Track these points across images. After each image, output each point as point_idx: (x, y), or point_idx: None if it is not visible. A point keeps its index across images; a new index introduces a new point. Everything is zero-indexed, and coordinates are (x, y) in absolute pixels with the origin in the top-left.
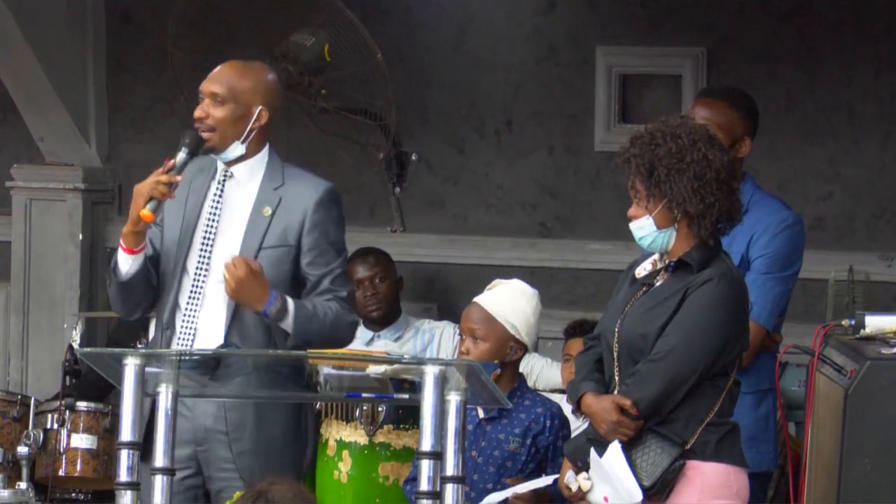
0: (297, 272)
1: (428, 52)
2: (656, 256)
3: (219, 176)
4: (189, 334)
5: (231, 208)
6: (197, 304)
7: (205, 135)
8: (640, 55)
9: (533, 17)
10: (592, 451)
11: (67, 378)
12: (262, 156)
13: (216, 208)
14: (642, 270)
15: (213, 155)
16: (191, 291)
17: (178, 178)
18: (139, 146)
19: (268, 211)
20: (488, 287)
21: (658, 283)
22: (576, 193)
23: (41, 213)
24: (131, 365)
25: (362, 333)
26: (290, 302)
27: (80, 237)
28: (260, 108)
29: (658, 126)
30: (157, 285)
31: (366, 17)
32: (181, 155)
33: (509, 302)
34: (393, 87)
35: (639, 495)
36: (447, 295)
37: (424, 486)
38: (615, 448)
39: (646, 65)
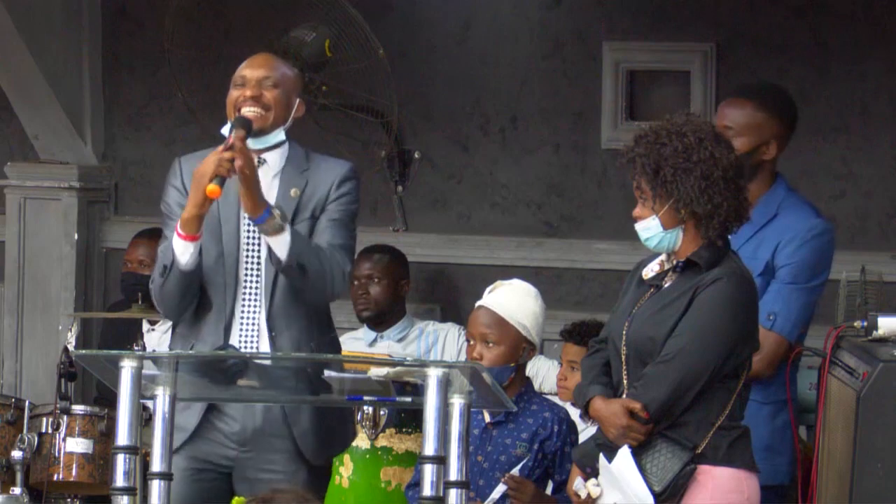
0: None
1: (431, 47)
2: (663, 257)
3: (235, 126)
4: (253, 334)
5: (269, 198)
6: (255, 304)
7: (257, 113)
8: (647, 51)
9: (538, 11)
10: (602, 457)
11: (62, 381)
12: (286, 143)
13: None
14: (650, 271)
15: (254, 138)
16: (244, 291)
17: (242, 147)
18: (135, 144)
19: (296, 192)
20: (489, 289)
21: (666, 285)
22: (582, 192)
23: (36, 212)
24: (127, 367)
25: (366, 334)
26: (287, 222)
27: (76, 237)
28: (298, 100)
29: (663, 124)
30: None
31: (367, 12)
32: (235, 131)
33: (518, 303)
34: (395, 84)
35: (650, 501)
36: (451, 295)
37: (427, 491)
38: (625, 453)
39: (653, 61)
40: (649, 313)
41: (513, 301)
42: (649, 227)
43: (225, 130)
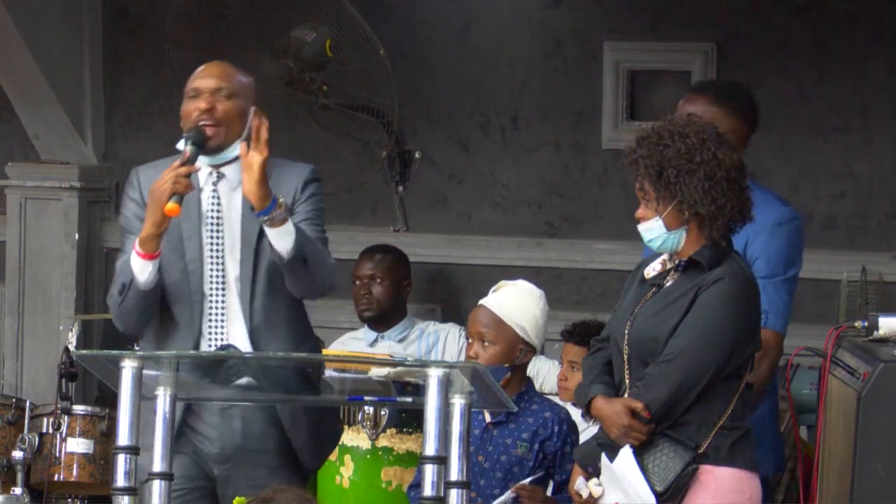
0: None
1: (431, 47)
2: (665, 256)
3: (208, 180)
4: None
5: (230, 209)
6: (221, 320)
7: (210, 130)
8: (648, 51)
9: (539, 11)
10: (603, 457)
11: (63, 381)
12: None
13: (215, 213)
14: (651, 271)
15: (208, 156)
16: (210, 308)
17: (197, 167)
18: (136, 144)
19: None
20: (493, 289)
21: (668, 284)
22: (583, 192)
23: (36, 213)
24: (128, 367)
25: (366, 334)
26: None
27: (77, 237)
28: (253, 108)
29: (665, 125)
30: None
31: (368, 12)
32: (189, 147)
33: (517, 304)
34: (396, 84)
35: (651, 500)
36: (451, 295)
37: (428, 491)
38: (626, 453)
39: (654, 60)
40: (651, 313)
41: (514, 302)
42: (652, 229)
43: (180, 145)
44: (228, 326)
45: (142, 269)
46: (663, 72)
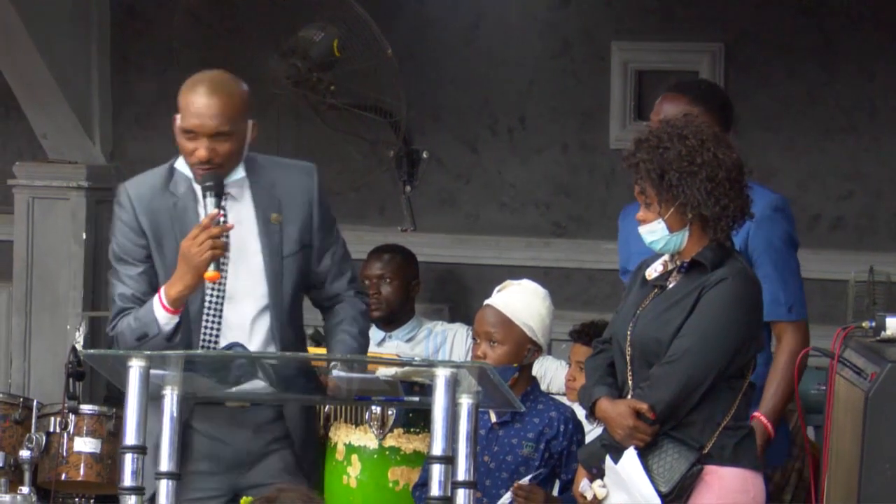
0: (313, 267)
1: (439, 47)
2: (666, 257)
3: (209, 194)
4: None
5: (240, 226)
6: (215, 330)
7: (217, 171)
8: (656, 51)
9: (547, 11)
10: (608, 458)
11: (70, 380)
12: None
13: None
14: (653, 272)
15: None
16: (205, 317)
17: (231, 225)
18: (144, 143)
19: (276, 217)
20: (498, 288)
21: (671, 285)
22: (590, 192)
23: (44, 212)
24: (136, 367)
25: (374, 334)
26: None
27: (84, 236)
28: (251, 122)
29: (663, 128)
30: None
31: (376, 12)
32: (212, 201)
33: (525, 303)
34: (403, 84)
35: (656, 501)
36: (459, 295)
37: (435, 491)
38: (631, 454)
39: (662, 61)
40: (654, 314)
41: (520, 301)
42: (655, 231)
43: (179, 165)
44: (221, 337)
45: (168, 322)
46: (671, 72)
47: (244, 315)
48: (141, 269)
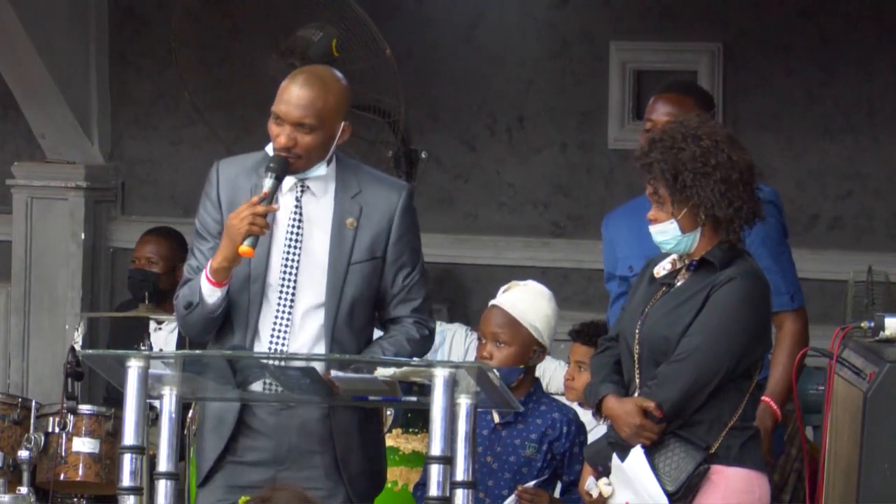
0: (382, 282)
1: (438, 47)
2: (675, 256)
3: (293, 190)
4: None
5: (311, 223)
6: (285, 330)
7: (292, 160)
8: (654, 50)
9: (545, 11)
10: (614, 456)
11: (69, 380)
12: (333, 161)
13: (296, 225)
14: (661, 270)
15: (293, 174)
16: (276, 317)
17: (276, 207)
18: (142, 143)
19: (352, 223)
20: (503, 289)
21: (679, 283)
22: (589, 192)
23: (42, 212)
24: (134, 367)
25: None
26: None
27: (83, 236)
28: (343, 124)
29: (677, 128)
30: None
31: (375, 12)
32: (269, 181)
33: (531, 304)
34: (402, 83)
35: (663, 500)
36: (457, 295)
37: (434, 491)
38: (637, 452)
39: (661, 60)
40: (663, 312)
41: (526, 302)
42: (666, 231)
43: (269, 149)
44: (290, 337)
45: (210, 294)
46: (670, 72)
47: (299, 308)
48: (212, 245)
